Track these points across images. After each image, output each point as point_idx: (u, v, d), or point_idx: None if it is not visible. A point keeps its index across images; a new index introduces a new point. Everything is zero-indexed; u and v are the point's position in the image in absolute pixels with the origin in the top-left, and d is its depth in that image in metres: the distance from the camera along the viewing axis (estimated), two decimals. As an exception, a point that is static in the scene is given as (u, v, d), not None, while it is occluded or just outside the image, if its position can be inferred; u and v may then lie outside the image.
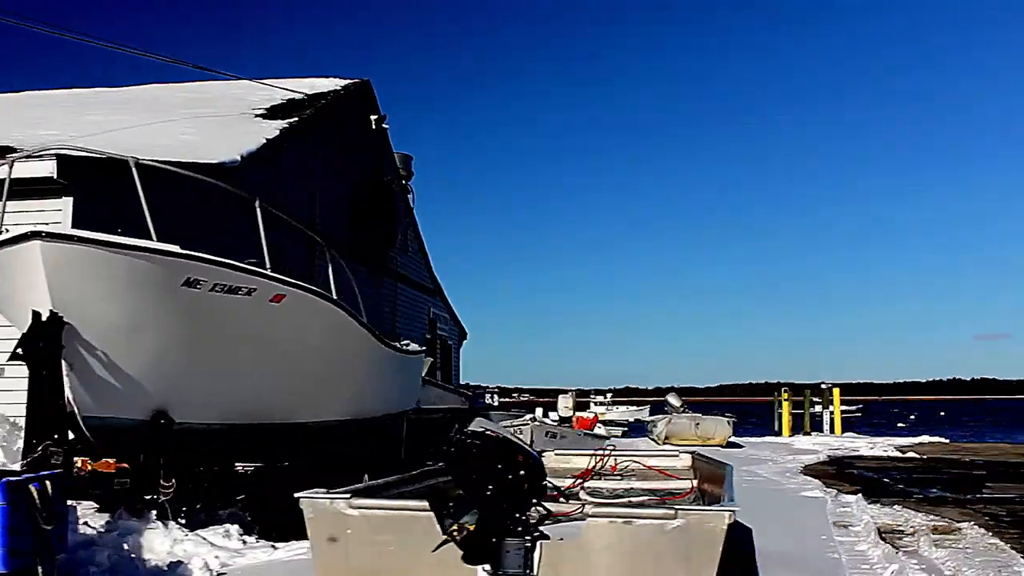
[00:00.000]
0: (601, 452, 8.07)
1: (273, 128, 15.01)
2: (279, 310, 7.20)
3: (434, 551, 4.14)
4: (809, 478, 13.78)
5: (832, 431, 32.33)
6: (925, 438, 29.01)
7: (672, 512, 4.18)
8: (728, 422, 22.55)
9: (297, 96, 18.10)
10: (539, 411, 18.02)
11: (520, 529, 4.22)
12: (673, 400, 25.38)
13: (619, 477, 7.93)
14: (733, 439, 27.74)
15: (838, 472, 16.04)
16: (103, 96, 19.11)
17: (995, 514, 10.03)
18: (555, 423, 16.93)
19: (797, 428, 33.26)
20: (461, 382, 38.94)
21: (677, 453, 8.12)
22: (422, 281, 25.48)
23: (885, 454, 20.66)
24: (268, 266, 7.36)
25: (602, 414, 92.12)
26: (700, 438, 21.88)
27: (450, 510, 4.37)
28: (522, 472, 4.34)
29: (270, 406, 7.53)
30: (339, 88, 18.81)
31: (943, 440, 28.70)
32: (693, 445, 22.05)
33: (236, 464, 8.84)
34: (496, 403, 39.62)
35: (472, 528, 4.14)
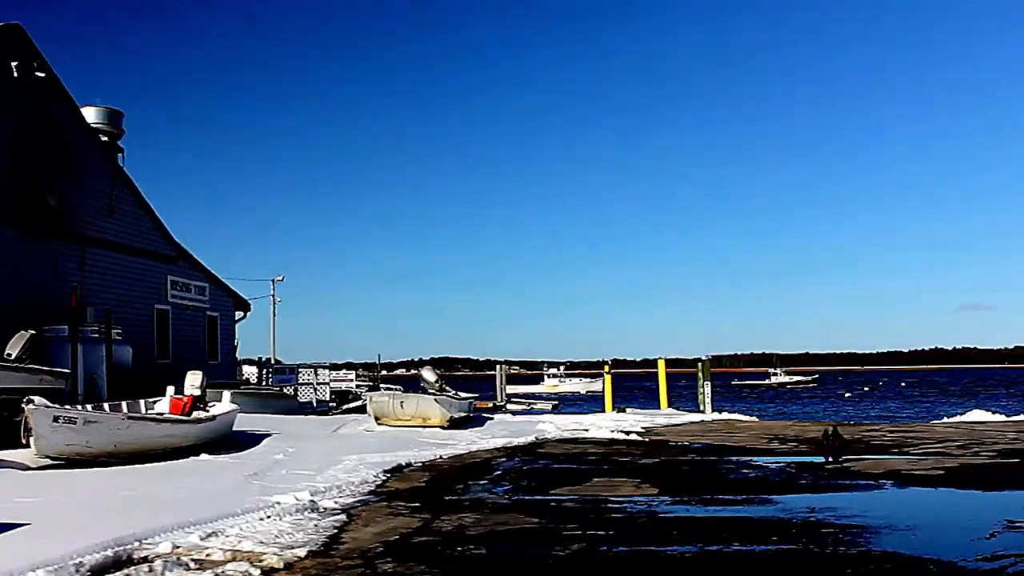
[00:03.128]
0: None
1: None
2: None
3: None
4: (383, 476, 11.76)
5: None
6: (723, 415, 27.49)
7: None
8: (439, 400, 20.17)
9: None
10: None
11: None
12: (428, 375, 22.86)
13: None
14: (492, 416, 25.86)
15: (483, 462, 14.09)
16: None
17: (456, 525, 8.04)
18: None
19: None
20: (267, 356, 36.50)
21: None
22: (147, 247, 23.09)
23: (609, 436, 18.76)
24: None
25: (555, 386, 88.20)
26: (411, 417, 19.66)
27: None
28: None
29: None
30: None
31: (742, 417, 27.19)
32: (408, 426, 19.96)
33: None
34: (318, 382, 37.24)
35: None
